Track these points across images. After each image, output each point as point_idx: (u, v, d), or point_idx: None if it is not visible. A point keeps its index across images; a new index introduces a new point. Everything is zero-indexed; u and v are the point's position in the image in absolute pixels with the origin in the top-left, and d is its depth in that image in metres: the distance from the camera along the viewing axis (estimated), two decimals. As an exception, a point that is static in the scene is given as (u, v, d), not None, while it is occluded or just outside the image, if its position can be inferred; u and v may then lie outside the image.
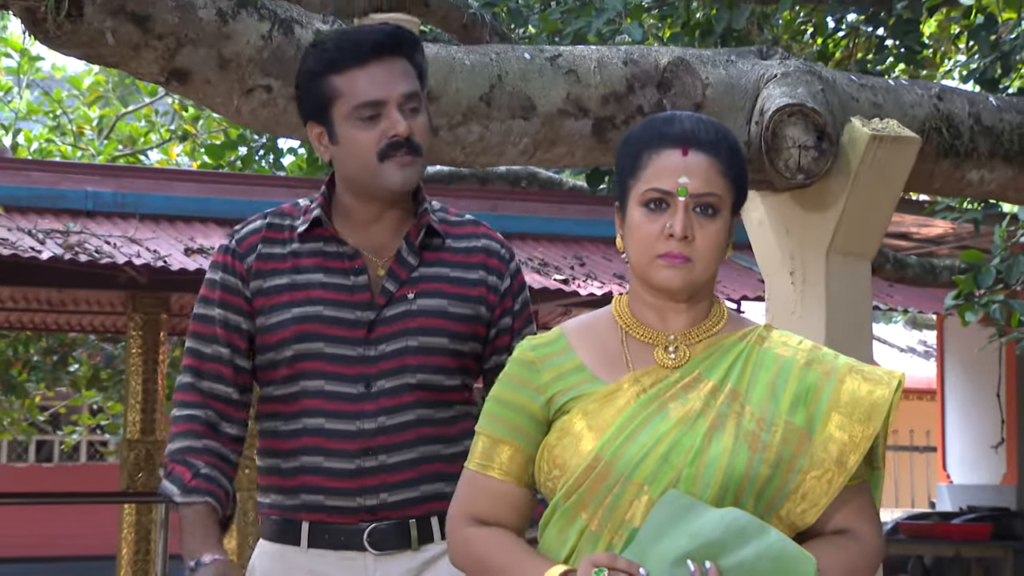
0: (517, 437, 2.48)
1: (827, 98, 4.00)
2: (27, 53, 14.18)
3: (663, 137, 2.43)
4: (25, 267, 7.46)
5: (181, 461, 2.92)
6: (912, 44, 9.02)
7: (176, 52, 3.62)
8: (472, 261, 3.05)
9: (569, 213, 9.15)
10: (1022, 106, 4.50)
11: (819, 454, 2.39)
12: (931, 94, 4.32)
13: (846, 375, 2.43)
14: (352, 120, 2.91)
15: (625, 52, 4.04)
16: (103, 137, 13.80)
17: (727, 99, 4.03)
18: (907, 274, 9.30)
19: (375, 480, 2.91)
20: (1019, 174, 4.42)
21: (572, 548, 2.39)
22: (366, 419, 2.92)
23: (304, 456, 2.92)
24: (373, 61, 2.91)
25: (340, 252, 2.99)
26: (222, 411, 2.98)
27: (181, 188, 8.56)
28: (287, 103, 3.76)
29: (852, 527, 2.44)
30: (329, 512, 2.91)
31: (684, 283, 2.42)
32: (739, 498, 2.35)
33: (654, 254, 2.41)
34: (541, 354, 2.50)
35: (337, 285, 2.97)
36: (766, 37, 9.60)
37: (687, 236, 2.38)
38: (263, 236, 3.02)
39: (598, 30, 7.72)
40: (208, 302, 3.03)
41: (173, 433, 2.97)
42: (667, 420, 2.38)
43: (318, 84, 2.95)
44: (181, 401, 2.99)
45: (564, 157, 4.03)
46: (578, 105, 3.94)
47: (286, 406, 2.96)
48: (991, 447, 11.71)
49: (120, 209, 8.28)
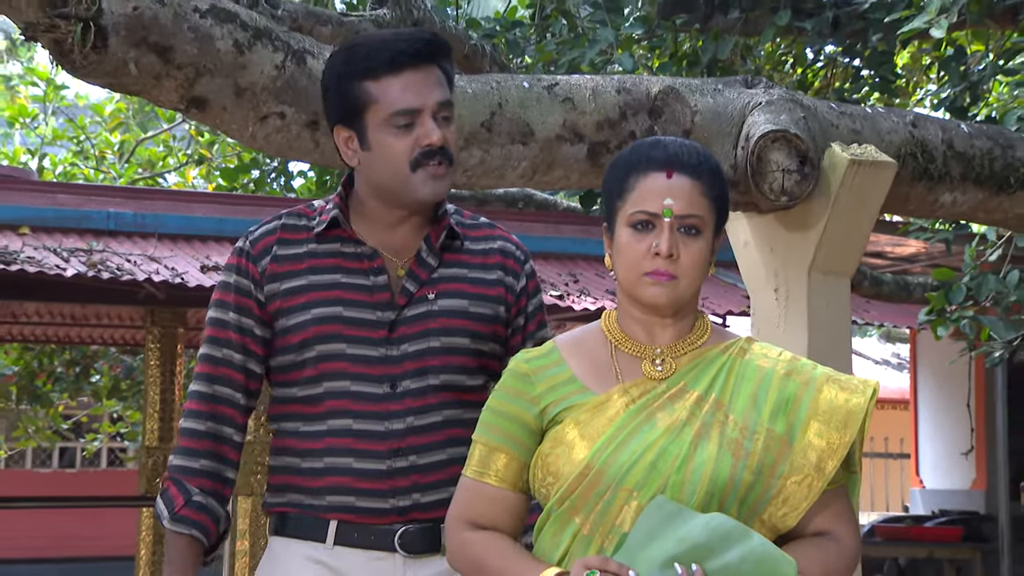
0: (512, 446, 2.49)
1: (809, 125, 4.00)
2: (52, 82, 14.21)
3: (649, 161, 2.45)
4: (51, 284, 7.46)
5: (177, 482, 2.83)
6: (887, 74, 9.05)
7: (195, 81, 3.61)
8: (490, 262, 2.98)
9: (564, 232, 9.16)
10: (991, 133, 4.50)
11: (799, 460, 2.40)
12: (906, 121, 4.32)
13: (824, 384, 2.45)
14: (387, 127, 2.80)
15: (618, 81, 4.04)
16: (124, 161, 13.81)
17: (714, 126, 4.03)
18: (883, 291, 9.31)
19: (407, 481, 2.80)
20: (988, 197, 4.42)
21: (565, 551, 2.40)
22: (394, 419, 2.81)
23: (331, 457, 2.81)
24: (409, 68, 2.79)
25: (358, 253, 2.88)
26: (231, 417, 2.87)
27: (198, 209, 8.57)
28: (300, 129, 3.77)
29: (831, 529, 2.45)
30: (360, 513, 2.80)
31: (669, 299, 2.43)
32: (724, 503, 2.36)
33: (641, 272, 2.42)
34: (535, 366, 2.52)
35: (356, 285, 2.86)
36: (749, 67, 9.62)
37: (672, 255, 2.40)
38: (278, 237, 2.91)
39: (591, 60, 7.74)
40: (222, 306, 2.91)
41: (179, 446, 2.87)
42: (655, 429, 2.40)
43: (351, 89, 2.82)
44: (190, 411, 2.88)
45: (560, 180, 4.02)
46: (574, 131, 3.94)
47: (309, 407, 2.84)
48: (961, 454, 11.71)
49: (140, 229, 8.28)
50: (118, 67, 3.50)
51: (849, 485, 2.49)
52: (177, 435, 2.95)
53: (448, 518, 2.55)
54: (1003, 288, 6.81)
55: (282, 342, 2.86)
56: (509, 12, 10.03)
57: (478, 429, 2.54)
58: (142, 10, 3.47)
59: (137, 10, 3.45)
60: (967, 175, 4.34)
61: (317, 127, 3.78)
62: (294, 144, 3.79)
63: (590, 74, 5.62)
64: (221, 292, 2.92)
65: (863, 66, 9.20)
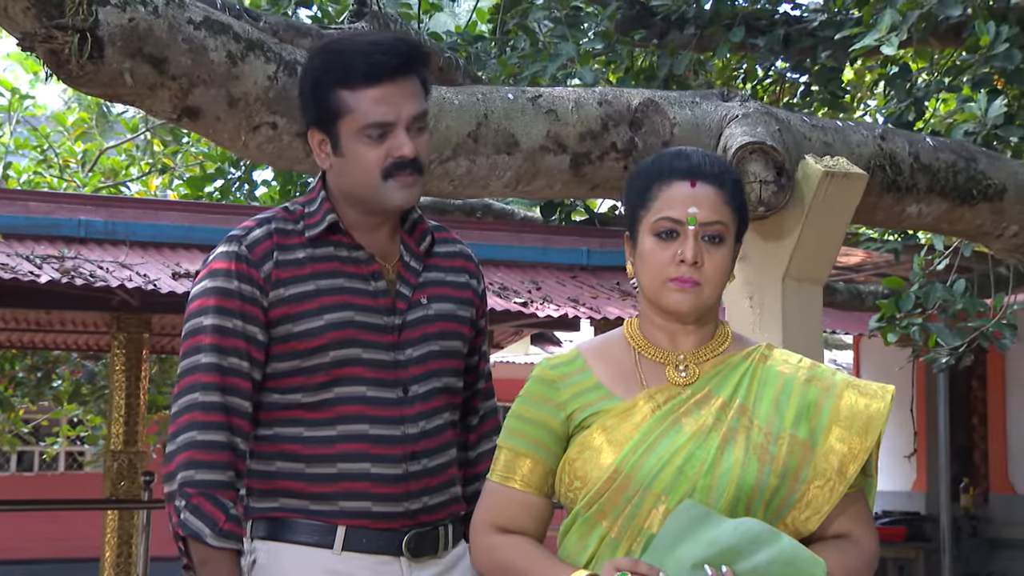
0: (538, 451, 2.47)
1: (784, 137, 4.02)
2: (16, 91, 14.05)
3: (672, 170, 2.44)
4: (23, 290, 7.37)
5: (211, 498, 2.64)
6: (835, 90, 9.13)
7: (189, 92, 3.59)
8: (457, 265, 2.93)
9: (526, 241, 9.15)
10: (955, 146, 4.54)
11: (821, 465, 2.39)
12: (875, 134, 4.35)
13: (844, 390, 2.44)
14: (360, 137, 2.72)
15: (599, 93, 4.05)
16: (87, 170, 13.68)
17: (693, 137, 4.04)
18: (836, 299, 9.37)
19: (419, 484, 2.75)
20: (952, 208, 4.46)
21: (592, 554, 2.39)
22: (408, 424, 2.75)
23: (346, 462, 2.71)
24: (386, 81, 2.71)
25: (354, 257, 2.80)
26: (241, 428, 2.71)
27: (167, 217, 8.49)
28: (292, 139, 3.75)
29: (850, 532, 2.45)
30: (375, 518, 2.72)
31: (693, 306, 2.42)
32: (750, 507, 2.35)
33: (665, 278, 2.41)
34: (560, 373, 2.49)
35: (359, 290, 2.77)
36: (701, 82, 9.66)
37: (696, 262, 2.39)
38: (276, 242, 2.77)
39: (552, 74, 7.75)
40: (224, 312, 2.72)
41: (197, 459, 2.66)
42: (682, 434, 2.39)
43: (327, 95, 2.75)
44: (205, 422, 2.67)
45: (544, 189, 4.03)
46: (557, 142, 3.95)
47: (316, 412, 2.73)
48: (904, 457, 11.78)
49: (111, 236, 8.19)
50: (114, 77, 3.47)
51: (866, 489, 2.49)
52: (182, 439, 2.67)
53: (474, 522, 2.52)
54: (950, 296, 6.86)
55: (284, 348, 2.74)
56: (470, 26, 10.04)
57: (503, 434, 2.52)
58: (138, 21, 3.44)
59: (133, 21, 3.42)
60: (933, 187, 4.38)
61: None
62: (285, 153, 3.77)
63: (550, 87, 5.62)
64: (220, 298, 2.73)
65: (812, 82, 9.26)
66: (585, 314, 8.11)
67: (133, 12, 3.41)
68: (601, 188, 4.04)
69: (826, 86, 9.10)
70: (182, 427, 2.69)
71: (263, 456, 2.77)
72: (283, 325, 2.74)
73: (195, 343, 2.73)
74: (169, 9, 3.53)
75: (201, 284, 2.77)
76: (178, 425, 2.70)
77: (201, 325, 2.73)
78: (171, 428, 2.72)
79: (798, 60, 9.43)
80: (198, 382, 2.70)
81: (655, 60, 9.29)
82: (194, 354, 2.72)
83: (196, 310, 2.75)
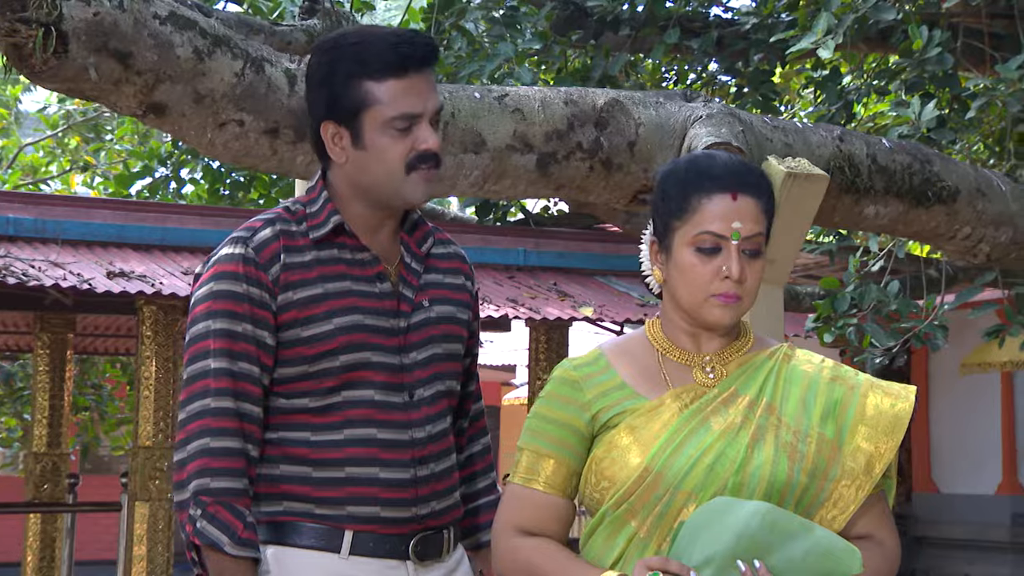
0: (563, 452, 2.44)
1: (747, 138, 4.05)
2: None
3: (713, 181, 2.41)
4: (-48, 289, 7.25)
5: (228, 506, 2.58)
6: (767, 92, 9.22)
7: (154, 87, 3.54)
8: (453, 267, 2.87)
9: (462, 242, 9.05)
10: (910, 148, 4.60)
11: (849, 464, 2.39)
12: (834, 136, 4.39)
13: (868, 390, 2.45)
14: (386, 129, 2.64)
15: (565, 93, 4.05)
16: (6, 167, 13.46)
17: (657, 137, 4.05)
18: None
19: (427, 489, 2.70)
20: (908, 210, 4.51)
21: (620, 554, 2.37)
22: (415, 428, 2.69)
23: (354, 467, 2.65)
24: (413, 72, 2.63)
25: (359, 259, 2.72)
26: (253, 434, 2.64)
27: (99, 215, 8.37)
28: (258, 136, 3.71)
29: (874, 533, 2.45)
30: (383, 523, 2.66)
31: (733, 319, 2.43)
32: (780, 505, 2.33)
33: (708, 293, 2.40)
34: (584, 373, 2.47)
35: (366, 293, 2.69)
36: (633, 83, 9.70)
37: (741, 278, 2.39)
38: (283, 244, 2.68)
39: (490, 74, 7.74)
40: (233, 316, 2.63)
41: (213, 466, 2.59)
42: (711, 432, 2.37)
43: (348, 86, 2.64)
44: (218, 428, 2.60)
45: (510, 189, 4.01)
46: (524, 141, 3.94)
47: (323, 417, 2.66)
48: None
49: (41, 235, 8.06)
50: (78, 72, 3.41)
51: (886, 489, 2.49)
52: (196, 445, 2.60)
53: (496, 525, 2.49)
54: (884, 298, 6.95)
55: (291, 353, 2.66)
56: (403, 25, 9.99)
57: (524, 436, 2.48)
58: (103, 16, 3.39)
59: (98, 16, 3.36)
60: (890, 188, 4.42)
61: (276, 135, 3.73)
62: (251, 151, 3.73)
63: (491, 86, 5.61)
64: (228, 302, 2.65)
65: (744, 84, 9.34)
66: (525, 314, 8.10)
67: (98, 6, 3.36)
68: (567, 188, 4.03)
69: (758, 89, 9.19)
70: (194, 433, 2.61)
71: (268, 460, 2.70)
72: (292, 329, 2.66)
73: (203, 347, 2.65)
74: (134, 4, 3.48)
75: (207, 287, 2.68)
76: (188, 432, 2.62)
77: (210, 329, 2.65)
78: (180, 435, 2.64)
79: (730, 63, 9.50)
80: (209, 387, 2.63)
81: (588, 61, 9.31)
82: (203, 359, 2.65)
83: (204, 313, 2.67)
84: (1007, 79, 6.45)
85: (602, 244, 9.54)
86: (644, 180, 4.05)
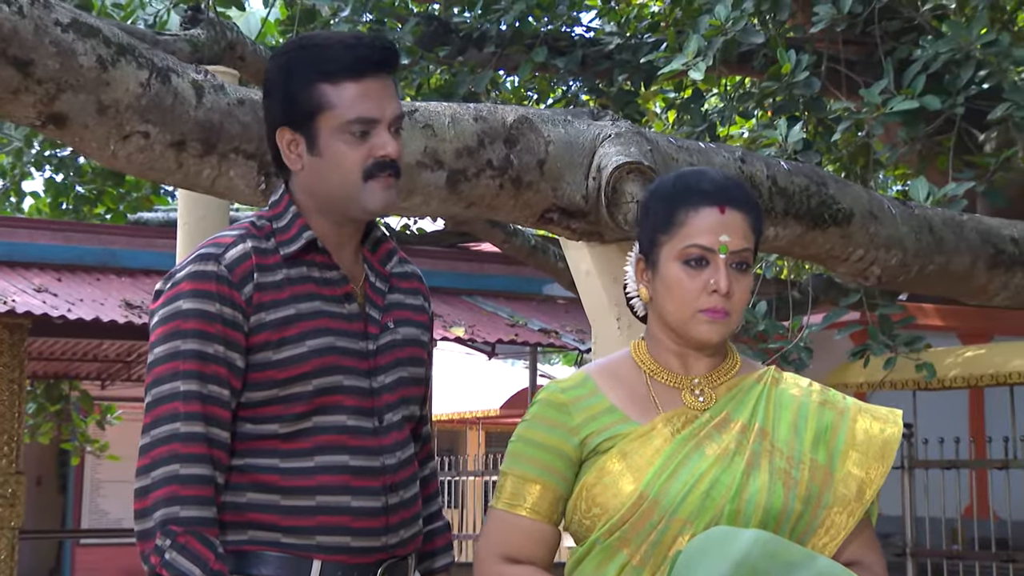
0: (549, 477, 2.40)
1: (655, 157, 4.07)
2: None
3: (701, 195, 2.38)
4: None
5: (199, 536, 2.47)
6: (632, 113, 9.32)
7: (56, 97, 3.43)
8: (413, 287, 2.78)
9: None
10: (807, 171, 4.67)
11: (841, 490, 2.38)
12: (735, 156, 4.44)
13: (857, 415, 2.44)
14: (342, 134, 2.55)
15: (475, 109, 4.02)
16: None
17: (566, 155, 4.05)
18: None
19: (397, 518, 2.61)
20: (805, 232, 4.58)
21: None
22: (386, 455, 2.61)
23: (325, 495, 2.55)
24: (370, 75, 2.55)
25: (327, 278, 2.62)
26: (221, 461, 2.53)
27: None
28: (164, 149, 3.61)
29: (862, 559, 2.43)
30: (352, 553, 2.57)
31: (721, 336, 2.39)
32: (776, 533, 2.30)
33: (696, 309, 2.37)
34: (572, 396, 2.43)
35: (336, 314, 2.60)
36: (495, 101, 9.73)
37: (729, 292, 2.36)
38: (256, 262, 2.56)
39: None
40: (203, 337, 2.51)
41: (182, 494, 2.48)
42: (705, 459, 2.35)
43: (303, 90, 2.56)
44: (187, 455, 2.49)
45: (420, 207, 3.96)
46: (434, 158, 3.89)
47: (292, 443, 2.56)
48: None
49: None
50: (-28, 80, 3.30)
51: (870, 513, 2.47)
52: (164, 480, 2.48)
53: (480, 552, 2.44)
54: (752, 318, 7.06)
55: (261, 376, 2.55)
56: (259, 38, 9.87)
57: (508, 461, 2.43)
58: (1, 21, 3.28)
59: (-4, 21, 3.25)
60: (788, 210, 4.49)
61: (182, 148, 3.64)
62: (156, 164, 3.64)
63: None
64: (199, 321, 2.53)
65: (608, 104, 9.43)
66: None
67: (-4, 11, 3.25)
68: (477, 206, 4.00)
69: (623, 109, 9.28)
70: (161, 459, 2.49)
71: (233, 487, 2.58)
72: (263, 352, 2.56)
73: (171, 368, 2.52)
74: (35, 10, 3.37)
75: (174, 305, 2.55)
76: (154, 457, 2.49)
77: (179, 350, 2.52)
78: (143, 460, 2.51)
79: (594, 83, 9.59)
80: (178, 412, 2.50)
81: (452, 78, 9.31)
82: (171, 380, 2.52)
83: (171, 332, 2.54)
84: (870, 103, 6.62)
85: (468, 264, 9.52)
86: (553, 199, 4.04)
